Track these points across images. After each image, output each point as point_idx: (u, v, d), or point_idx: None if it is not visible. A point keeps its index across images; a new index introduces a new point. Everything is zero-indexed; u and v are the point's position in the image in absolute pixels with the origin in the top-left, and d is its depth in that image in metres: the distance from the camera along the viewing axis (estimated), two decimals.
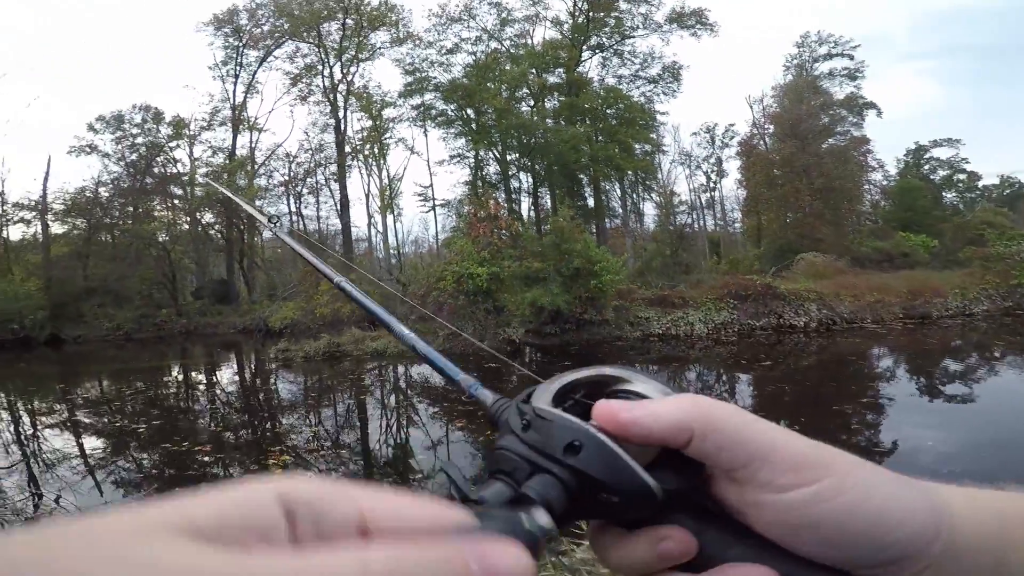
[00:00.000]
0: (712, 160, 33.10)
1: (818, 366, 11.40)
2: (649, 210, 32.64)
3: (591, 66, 28.18)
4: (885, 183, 31.78)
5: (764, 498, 0.29)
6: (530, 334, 15.90)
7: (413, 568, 0.19)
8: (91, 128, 27.07)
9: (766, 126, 28.33)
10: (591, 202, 28.69)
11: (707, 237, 31.95)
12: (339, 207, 29.37)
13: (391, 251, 29.70)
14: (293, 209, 31.21)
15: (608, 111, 27.50)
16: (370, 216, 30.44)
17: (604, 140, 26.55)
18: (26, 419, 9.55)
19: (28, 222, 25.97)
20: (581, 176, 27.77)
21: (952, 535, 0.29)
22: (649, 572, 0.31)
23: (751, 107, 29.59)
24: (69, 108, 45.39)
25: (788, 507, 0.29)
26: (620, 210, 31.20)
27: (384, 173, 28.98)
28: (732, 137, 32.13)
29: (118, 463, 6.59)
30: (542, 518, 0.27)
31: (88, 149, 26.89)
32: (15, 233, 26.82)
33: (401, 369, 12.95)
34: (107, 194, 26.34)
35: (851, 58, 28.22)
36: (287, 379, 12.69)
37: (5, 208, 26.00)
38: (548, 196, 28.28)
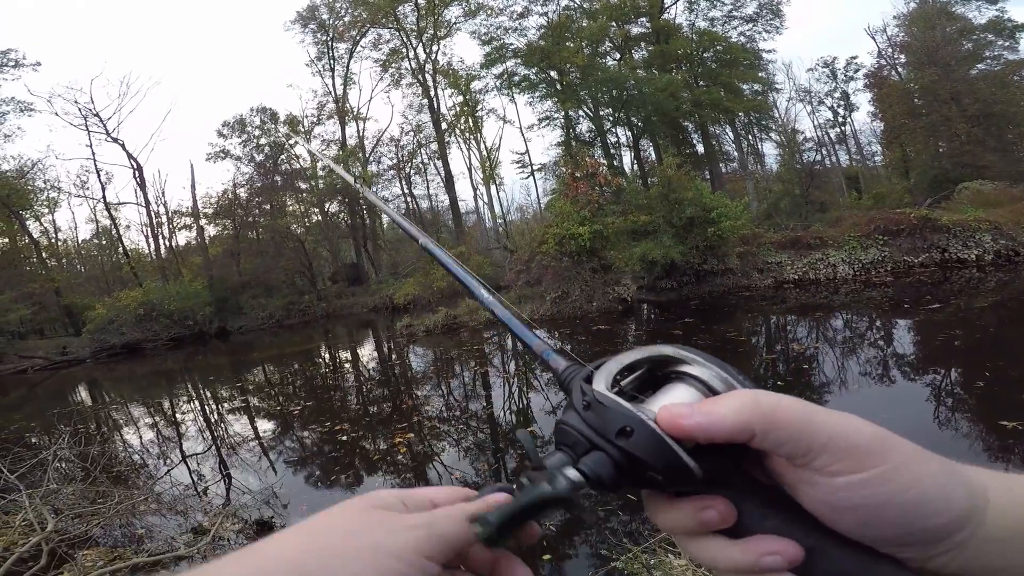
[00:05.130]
0: (837, 95, 31.44)
1: (998, 306, 9.59)
2: (769, 150, 31.22)
3: (677, 12, 26.79)
4: None
5: (816, 479, 0.32)
6: (644, 290, 15.29)
7: (454, 510, 0.36)
8: (220, 134, 30.29)
9: (896, 56, 27.25)
10: (701, 148, 27.48)
11: (842, 173, 29.64)
12: (444, 183, 30.26)
13: (497, 220, 30.16)
14: (405, 191, 32.80)
15: (705, 55, 26.25)
16: (475, 188, 31.09)
17: (706, 84, 25.45)
18: (212, 406, 11.03)
19: (188, 227, 30.10)
20: (686, 123, 26.79)
21: (982, 524, 0.31)
22: (693, 535, 0.36)
23: (873, 38, 29.16)
24: (198, 118, 51.31)
25: (836, 489, 0.31)
26: (735, 153, 29.28)
27: (481, 145, 29.30)
28: (857, 70, 30.36)
29: (284, 444, 7.35)
30: (570, 474, 0.34)
31: (222, 154, 30.18)
32: (180, 239, 31.29)
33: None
34: (245, 194, 29.48)
35: None
36: (415, 353, 13.44)
37: (171, 216, 30.34)
38: (652, 148, 27.44)
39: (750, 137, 30.13)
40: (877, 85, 27.34)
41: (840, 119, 31.71)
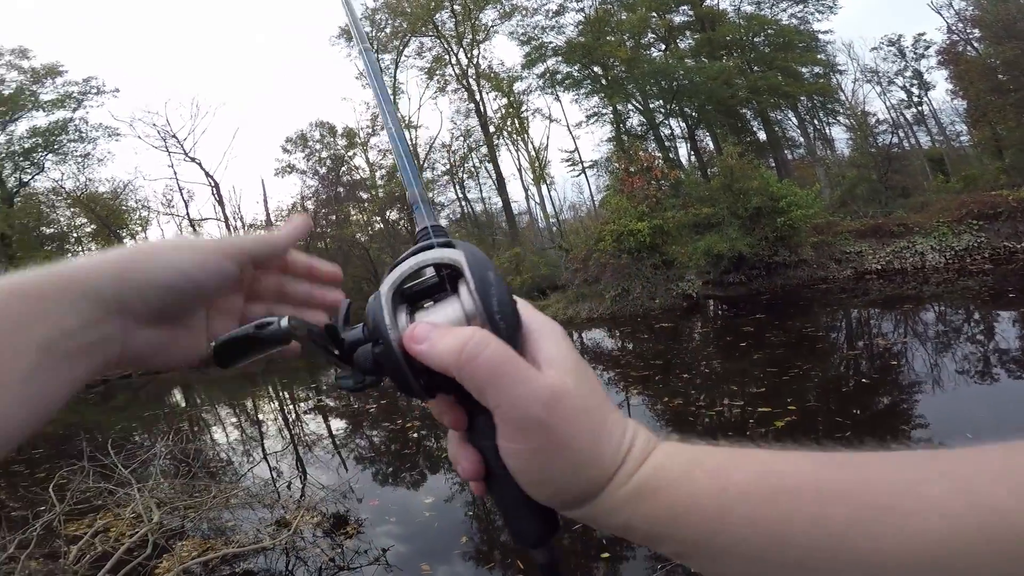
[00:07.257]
0: (908, 73, 28.86)
1: None
2: (839, 134, 29.00)
3: None
4: None
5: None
6: (709, 285, 14.75)
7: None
8: (284, 150, 31.92)
9: (968, 31, 24.85)
10: (763, 136, 26.07)
11: (924, 155, 27.32)
12: (496, 185, 30.50)
13: (550, 219, 30.06)
14: (459, 196, 33.35)
15: (756, 39, 24.91)
16: (526, 189, 31.12)
17: (761, 69, 24.22)
18: (289, 406, 11.63)
19: None
20: (744, 111, 25.45)
21: (600, 501, 0.34)
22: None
23: (939, 12, 25.98)
24: (264, 135, 53.96)
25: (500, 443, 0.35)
26: (801, 139, 27.73)
27: (529, 145, 29.31)
28: (927, 47, 27.79)
29: (356, 442, 7.65)
30: (284, 323, 0.36)
31: (288, 169, 31.75)
32: None
33: (574, 336, 13.00)
34: (312, 206, 30.93)
35: None
36: None
37: (247, 230, 32.33)
38: (709, 138, 26.35)
39: (816, 122, 28.25)
40: (952, 62, 25.05)
41: (915, 99, 29.02)
